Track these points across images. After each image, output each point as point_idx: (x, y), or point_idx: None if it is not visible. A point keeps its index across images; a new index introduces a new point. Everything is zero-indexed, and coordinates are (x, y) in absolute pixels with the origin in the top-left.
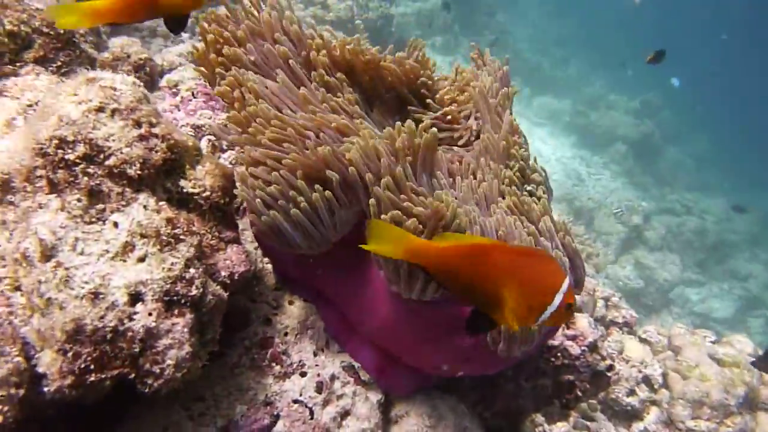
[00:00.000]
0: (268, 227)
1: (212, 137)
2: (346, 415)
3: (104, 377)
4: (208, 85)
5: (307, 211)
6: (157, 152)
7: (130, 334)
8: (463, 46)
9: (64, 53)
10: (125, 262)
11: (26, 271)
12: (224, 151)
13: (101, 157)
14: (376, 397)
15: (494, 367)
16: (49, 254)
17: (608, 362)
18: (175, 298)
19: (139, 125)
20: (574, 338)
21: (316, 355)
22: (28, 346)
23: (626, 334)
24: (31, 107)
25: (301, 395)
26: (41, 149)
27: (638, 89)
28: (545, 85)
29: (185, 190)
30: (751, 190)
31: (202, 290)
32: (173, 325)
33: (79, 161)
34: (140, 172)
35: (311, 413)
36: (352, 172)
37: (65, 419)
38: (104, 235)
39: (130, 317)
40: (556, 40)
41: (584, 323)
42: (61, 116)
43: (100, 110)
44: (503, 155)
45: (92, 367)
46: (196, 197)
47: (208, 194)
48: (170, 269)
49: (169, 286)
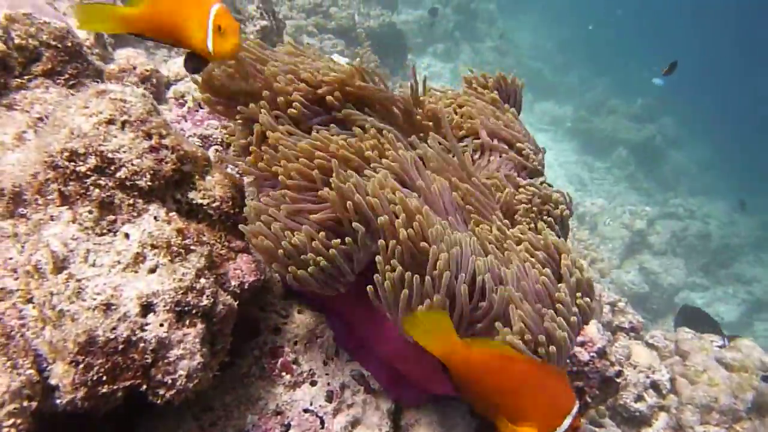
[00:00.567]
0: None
1: (219, 147)
2: (356, 423)
3: (116, 388)
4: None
5: (326, 267)
6: (167, 163)
7: (142, 344)
8: (464, 52)
9: (71, 66)
10: (137, 273)
11: (38, 283)
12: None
13: (112, 168)
14: (386, 405)
15: None
16: (60, 266)
17: (617, 368)
18: (186, 308)
19: (149, 137)
20: (582, 344)
21: (326, 364)
22: (40, 358)
23: (633, 339)
24: (41, 120)
25: (311, 404)
26: (53, 162)
27: (639, 94)
28: (547, 91)
29: (195, 200)
30: (753, 194)
31: (212, 300)
32: (185, 335)
33: (90, 173)
34: (151, 183)
35: (322, 422)
36: (381, 221)
37: (77, 429)
38: (115, 246)
39: (142, 328)
40: (556, 46)
41: (593, 329)
42: (72, 129)
43: (110, 122)
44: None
45: (104, 378)
46: (205, 207)
47: (217, 204)
48: (181, 280)
49: (180, 296)
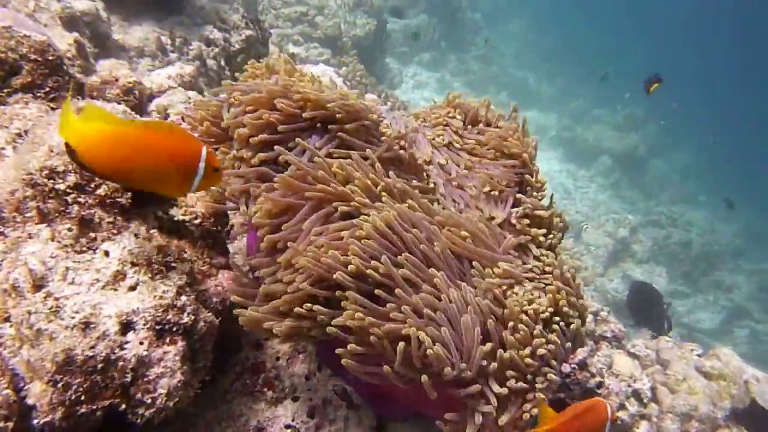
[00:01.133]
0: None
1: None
2: None
3: (95, 408)
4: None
5: None
6: None
7: (121, 363)
8: (450, 62)
9: (52, 79)
10: (116, 290)
11: (15, 301)
12: None
13: (92, 186)
14: (368, 420)
15: None
16: (39, 284)
17: (598, 379)
18: (166, 326)
19: None
20: None
21: (308, 379)
22: (17, 377)
23: (615, 348)
24: (20, 136)
25: (293, 420)
26: (31, 180)
27: (622, 103)
28: (531, 99)
29: (176, 217)
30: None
31: (193, 317)
32: (165, 353)
33: (69, 191)
34: (130, 200)
35: None
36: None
37: None
38: (95, 264)
39: (121, 346)
40: (541, 55)
41: None
42: (51, 146)
43: None
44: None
45: (83, 398)
46: (187, 224)
47: (199, 221)
48: (161, 297)
49: (160, 314)
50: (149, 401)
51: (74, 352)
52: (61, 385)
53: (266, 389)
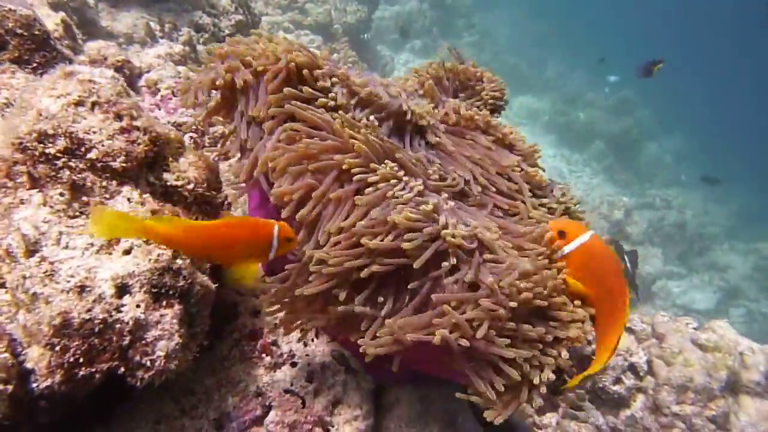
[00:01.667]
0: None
1: (194, 134)
2: (337, 403)
3: (94, 371)
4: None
5: None
6: (139, 145)
7: (118, 326)
8: (442, 49)
9: (39, 54)
10: (111, 255)
11: (10, 267)
12: (205, 147)
13: (83, 150)
14: (367, 385)
15: None
16: (32, 249)
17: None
18: (162, 289)
19: (120, 118)
20: None
21: (306, 345)
22: (14, 342)
23: None
24: (7, 106)
25: (292, 385)
26: (21, 144)
27: (615, 87)
28: (524, 85)
29: (169, 182)
30: (727, 183)
31: (189, 281)
32: (162, 316)
33: (60, 155)
34: (123, 164)
35: (303, 402)
36: None
37: (56, 417)
38: (88, 228)
39: (118, 309)
40: (533, 40)
41: None
42: (39, 110)
43: (79, 104)
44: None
45: (81, 360)
46: (180, 189)
47: (192, 186)
48: (157, 260)
49: (156, 277)
50: (148, 364)
51: (71, 315)
52: (59, 348)
53: (264, 355)
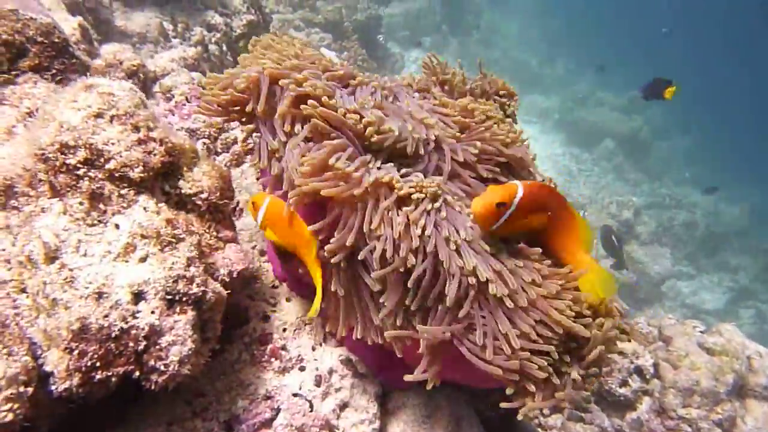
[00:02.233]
0: None
1: (207, 141)
2: (344, 406)
3: (110, 374)
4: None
5: None
6: (155, 155)
7: (134, 331)
8: (451, 45)
9: (58, 61)
10: (127, 262)
11: (31, 273)
12: (218, 154)
13: (101, 161)
14: (373, 389)
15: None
16: (53, 256)
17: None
18: (176, 296)
19: (137, 129)
20: None
21: (314, 349)
22: (35, 346)
23: None
24: (30, 115)
25: (300, 389)
26: (43, 155)
27: (626, 86)
28: (533, 83)
29: (183, 191)
30: (738, 183)
31: (202, 288)
32: (175, 322)
33: (80, 165)
34: (140, 174)
35: (311, 406)
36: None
37: (72, 416)
38: (106, 236)
39: (133, 315)
40: (543, 38)
41: None
42: (61, 122)
43: (99, 116)
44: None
45: (98, 364)
46: (194, 198)
47: (206, 195)
48: (171, 268)
49: (170, 284)
50: (162, 368)
51: (89, 320)
52: (77, 352)
53: (273, 359)
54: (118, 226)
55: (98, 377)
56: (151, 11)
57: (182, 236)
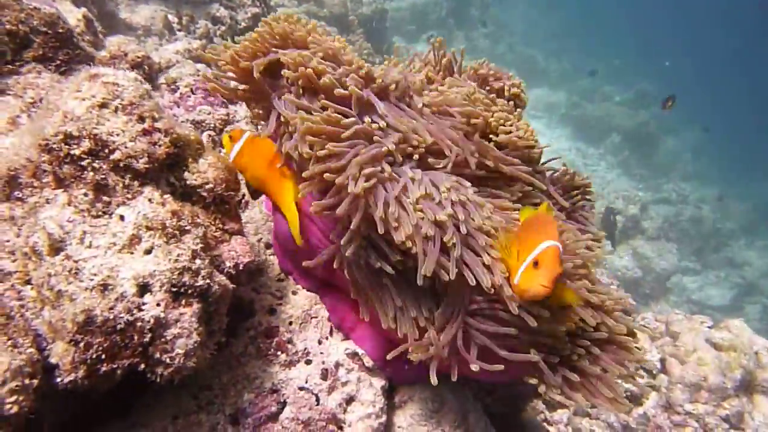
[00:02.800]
0: None
1: (212, 133)
2: (351, 400)
3: (116, 367)
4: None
5: None
6: (160, 146)
7: (139, 324)
8: (457, 40)
9: (62, 52)
10: (132, 254)
11: (36, 264)
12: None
13: (106, 151)
14: (380, 383)
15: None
16: (57, 248)
17: None
18: (182, 288)
19: (142, 120)
20: None
21: (320, 343)
22: (39, 338)
23: None
24: (33, 105)
25: (306, 382)
26: (47, 145)
27: (633, 80)
28: (540, 77)
29: (189, 183)
30: (744, 179)
31: (208, 281)
32: (181, 314)
33: (84, 156)
34: (145, 165)
35: (317, 399)
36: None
37: (76, 409)
38: (111, 228)
39: (139, 308)
40: (549, 32)
41: None
42: (65, 112)
43: (103, 106)
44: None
45: (104, 357)
46: (199, 190)
47: (211, 187)
48: (177, 260)
49: (176, 277)
50: (168, 361)
51: (94, 312)
52: (82, 344)
53: (280, 353)
54: (122, 217)
55: (103, 370)
56: (155, 3)
57: (188, 228)
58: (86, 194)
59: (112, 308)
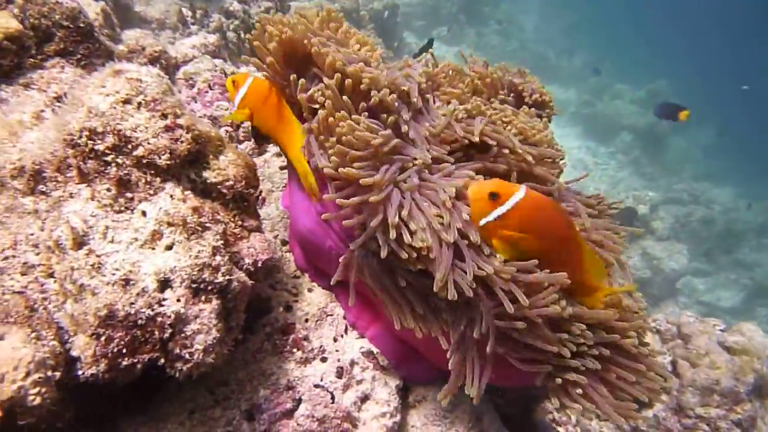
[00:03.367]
0: None
1: (228, 128)
2: (365, 399)
3: (136, 361)
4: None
5: None
6: (182, 143)
7: (160, 319)
8: (468, 36)
9: (83, 46)
10: (154, 249)
11: (59, 258)
12: (240, 142)
13: (129, 147)
14: (394, 382)
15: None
16: (80, 242)
17: None
18: (202, 285)
19: (164, 116)
20: None
21: (335, 340)
22: (62, 331)
23: None
24: (57, 99)
25: (321, 380)
26: (72, 140)
27: (644, 78)
28: (550, 74)
29: (209, 179)
30: (757, 179)
31: (227, 277)
32: (201, 311)
33: (108, 152)
34: (167, 162)
35: (332, 397)
36: None
37: (96, 401)
38: (133, 223)
39: (159, 303)
40: (560, 29)
41: None
42: (90, 108)
43: (127, 102)
44: None
45: (125, 351)
46: (219, 186)
47: (231, 183)
48: (197, 257)
49: (196, 273)
50: (187, 356)
51: (116, 307)
52: (104, 338)
53: (295, 350)
54: (144, 213)
55: (124, 364)
56: None
57: (208, 225)
58: (109, 189)
59: (133, 303)
